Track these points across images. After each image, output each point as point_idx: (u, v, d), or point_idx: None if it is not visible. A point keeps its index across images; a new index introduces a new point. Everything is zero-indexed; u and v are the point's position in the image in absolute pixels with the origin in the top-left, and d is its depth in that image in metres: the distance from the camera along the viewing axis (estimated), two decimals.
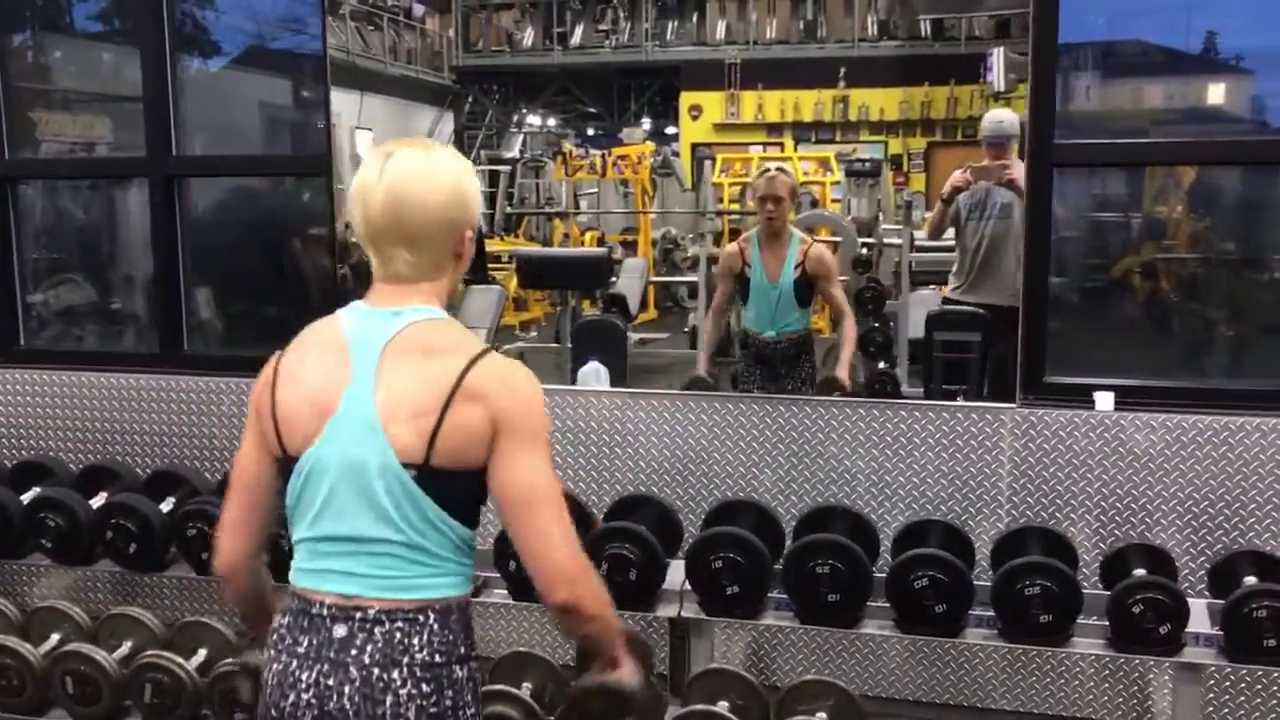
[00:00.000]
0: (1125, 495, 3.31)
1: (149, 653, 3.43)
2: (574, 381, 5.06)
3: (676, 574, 3.25)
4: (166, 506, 3.68)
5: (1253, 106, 4.48)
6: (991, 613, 3.03)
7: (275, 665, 1.91)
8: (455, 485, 1.87)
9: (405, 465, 1.82)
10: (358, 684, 1.84)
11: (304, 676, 1.87)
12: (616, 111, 16.19)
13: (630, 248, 11.16)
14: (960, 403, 3.51)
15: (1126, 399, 3.30)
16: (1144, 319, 3.97)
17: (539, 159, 13.29)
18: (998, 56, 12.92)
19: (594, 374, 5.27)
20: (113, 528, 3.59)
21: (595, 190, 11.91)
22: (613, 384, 4.87)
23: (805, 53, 14.32)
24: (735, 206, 10.98)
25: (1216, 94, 4.78)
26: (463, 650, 1.90)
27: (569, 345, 8.04)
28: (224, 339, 4.32)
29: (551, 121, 16.84)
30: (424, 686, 1.85)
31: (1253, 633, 2.85)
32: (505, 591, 3.35)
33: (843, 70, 14.08)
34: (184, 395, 4.02)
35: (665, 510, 3.45)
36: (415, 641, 1.86)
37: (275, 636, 1.93)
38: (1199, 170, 3.65)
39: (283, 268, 4.42)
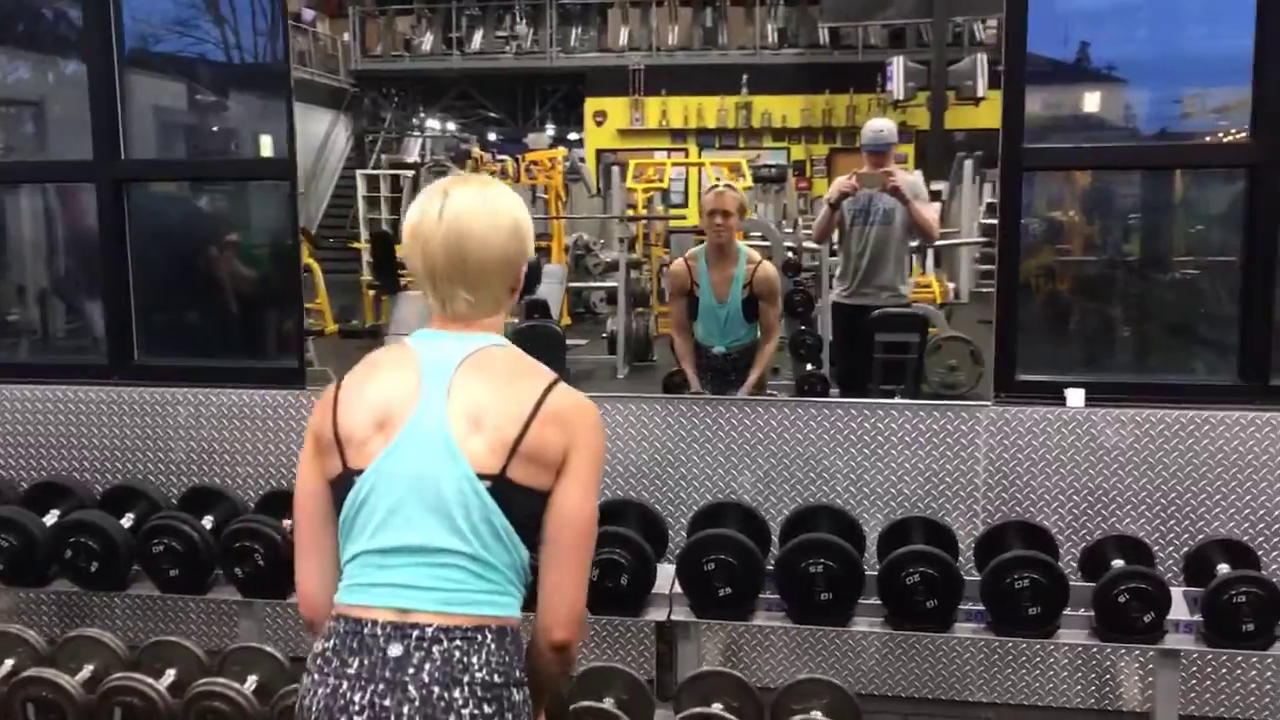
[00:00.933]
0: (1097, 488, 3.40)
1: (116, 675, 3.31)
2: None
3: (664, 577, 3.25)
4: (126, 523, 3.56)
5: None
6: (978, 607, 3.10)
7: (321, 689, 1.83)
8: (525, 502, 1.84)
9: (480, 476, 1.80)
10: (417, 704, 1.78)
11: (357, 698, 1.80)
12: (520, 117, 16.12)
13: (543, 254, 11.10)
14: (937, 402, 3.54)
15: (1096, 395, 3.40)
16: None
17: (443, 164, 13.15)
18: (897, 65, 13.28)
19: None
20: (72, 546, 3.44)
21: None
22: None
23: (708, 59, 14.47)
24: (645, 211, 11.01)
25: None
26: (518, 674, 1.87)
27: None
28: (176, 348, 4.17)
29: (451, 126, 16.69)
30: (486, 708, 1.80)
31: (1232, 618, 2.97)
32: None
33: (745, 77, 14.25)
34: (137, 408, 3.88)
35: (650, 514, 3.45)
36: (474, 660, 1.81)
37: (319, 661, 1.86)
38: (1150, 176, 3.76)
39: (213, 275, 4.29)
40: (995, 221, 10.58)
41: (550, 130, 15.68)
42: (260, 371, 3.88)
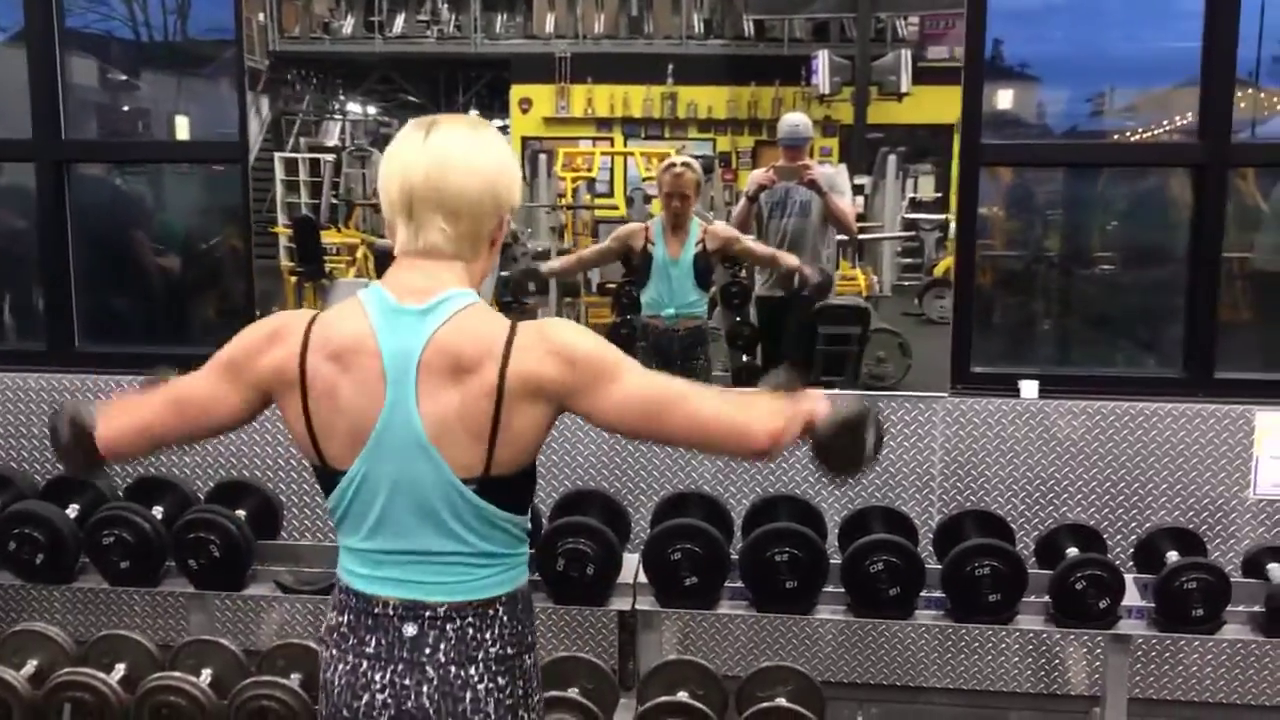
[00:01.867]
0: (1049, 477, 3.49)
1: (64, 671, 3.22)
2: None
3: (628, 567, 3.25)
4: (70, 514, 3.45)
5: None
6: (938, 594, 3.16)
7: (341, 665, 1.83)
8: (515, 484, 1.82)
9: (465, 481, 1.76)
10: (435, 683, 1.79)
11: (378, 677, 1.81)
12: (444, 102, 15.91)
13: None
14: (895, 392, 3.59)
15: (1049, 387, 3.48)
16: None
17: (366, 148, 12.95)
18: (822, 59, 13.37)
19: None
20: (16, 537, 3.33)
21: None
22: None
23: (634, 48, 14.41)
24: (572, 200, 10.97)
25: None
26: (529, 639, 1.89)
27: None
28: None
29: (372, 110, 16.42)
30: (500, 680, 1.83)
31: (1182, 604, 3.06)
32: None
33: (670, 67, 14.24)
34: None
35: (613, 504, 3.45)
36: (488, 635, 1.82)
37: (335, 635, 1.85)
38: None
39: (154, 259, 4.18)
40: (918, 216, 10.63)
41: (474, 116, 15.49)
42: (206, 358, 3.78)
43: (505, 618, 1.84)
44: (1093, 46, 4.02)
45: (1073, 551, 3.22)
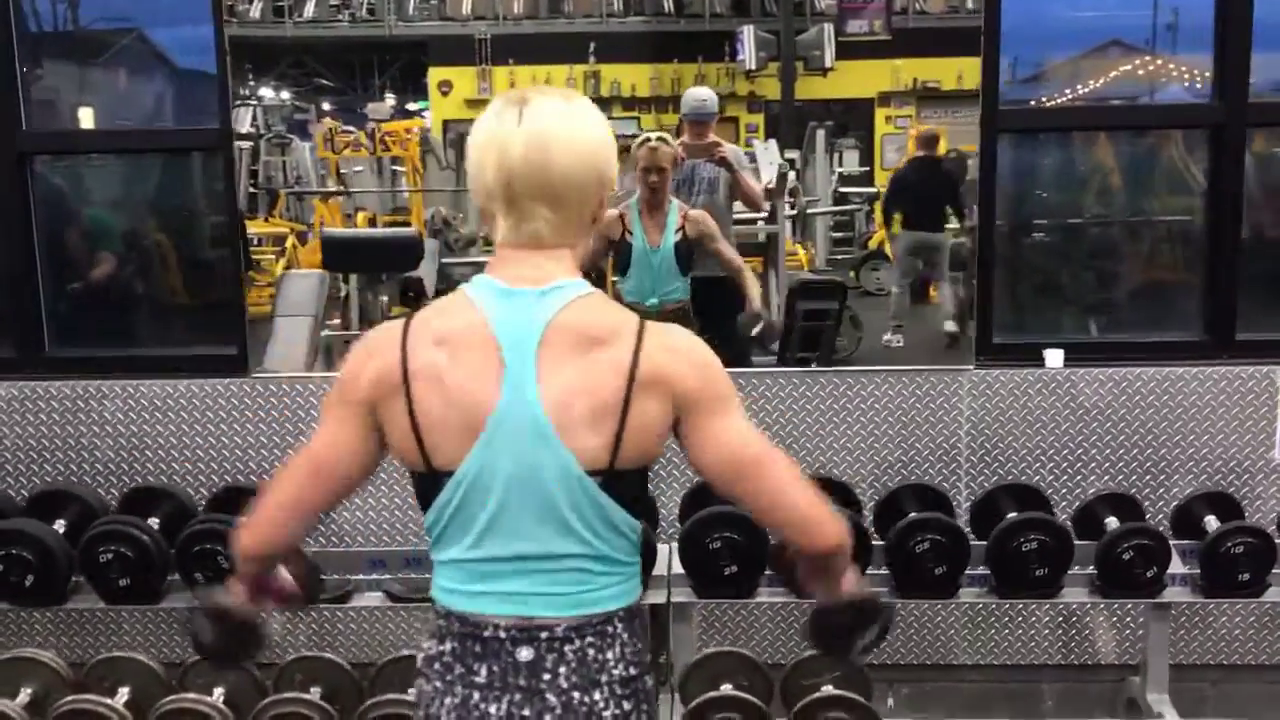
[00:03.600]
0: (1077, 446, 3.45)
1: (67, 699, 3.01)
2: None
3: (661, 558, 3.14)
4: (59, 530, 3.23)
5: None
6: (981, 571, 3.10)
7: (448, 698, 1.68)
8: (635, 483, 1.71)
9: (590, 473, 1.63)
10: (559, 712, 1.66)
11: (492, 710, 1.66)
12: (359, 86, 15.58)
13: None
14: (920, 367, 3.52)
15: (1072, 356, 3.44)
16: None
17: (284, 135, 12.59)
18: (747, 35, 13.35)
19: None
20: (3, 559, 3.10)
21: (359, 169, 11.40)
22: None
23: (555, 28, 14.25)
24: None
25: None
26: (648, 657, 1.77)
27: None
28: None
29: (286, 95, 15.98)
30: (625, 705, 1.70)
31: (1229, 569, 3.04)
32: None
33: (593, 46, 14.10)
34: (54, 404, 3.53)
35: None
36: (609, 656, 1.69)
37: (438, 665, 1.71)
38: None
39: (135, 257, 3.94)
40: (849, 190, 10.62)
41: (391, 100, 15.17)
42: (195, 360, 3.58)
43: (625, 635, 1.71)
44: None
45: (1111, 521, 3.19)
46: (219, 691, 3.10)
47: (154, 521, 3.24)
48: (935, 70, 14.39)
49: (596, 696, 1.67)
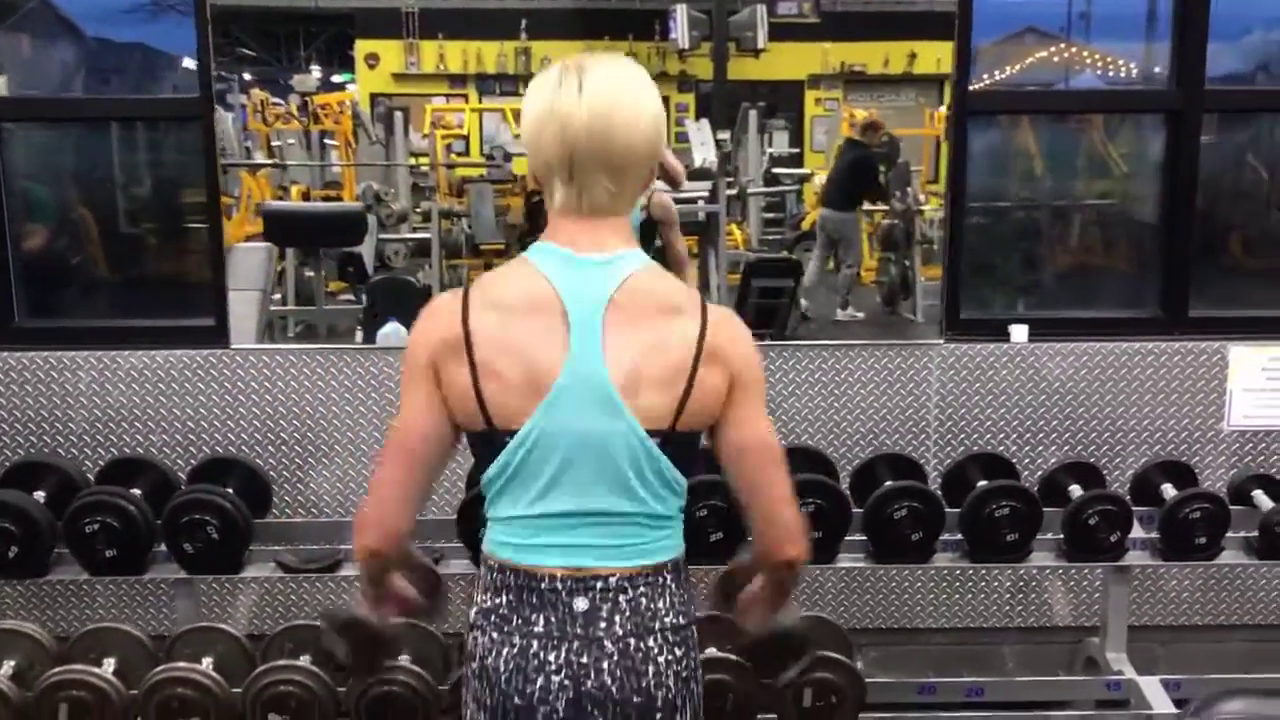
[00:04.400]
0: (1039, 417, 3.59)
1: (56, 670, 2.99)
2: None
3: None
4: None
5: None
6: (954, 537, 3.22)
7: (506, 649, 1.74)
8: (691, 445, 1.79)
9: (652, 433, 1.71)
10: (616, 658, 1.73)
11: (551, 658, 1.72)
12: (284, 58, 15.32)
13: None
14: (891, 341, 3.64)
15: (1037, 331, 3.58)
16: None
17: None
18: (680, 14, 13.37)
19: (395, 335, 5.07)
20: None
21: (291, 142, 11.24)
22: None
23: (486, 3, 14.15)
24: (440, 159, 10.70)
25: None
26: (693, 609, 1.84)
27: (322, 309, 7.64)
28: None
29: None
30: (677, 651, 1.78)
31: (1187, 534, 3.20)
32: (468, 561, 3.17)
33: (524, 22, 14.04)
34: (27, 375, 3.49)
35: None
36: (660, 605, 1.77)
37: (495, 617, 1.76)
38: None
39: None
40: (781, 171, 10.87)
41: (317, 72, 14.95)
42: (172, 331, 3.55)
43: (674, 586, 1.80)
44: None
45: (1075, 489, 3.33)
46: (207, 661, 3.11)
47: (136, 492, 3.24)
48: (862, 54, 14.61)
49: (651, 643, 1.74)
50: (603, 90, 1.67)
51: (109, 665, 3.08)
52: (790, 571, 1.87)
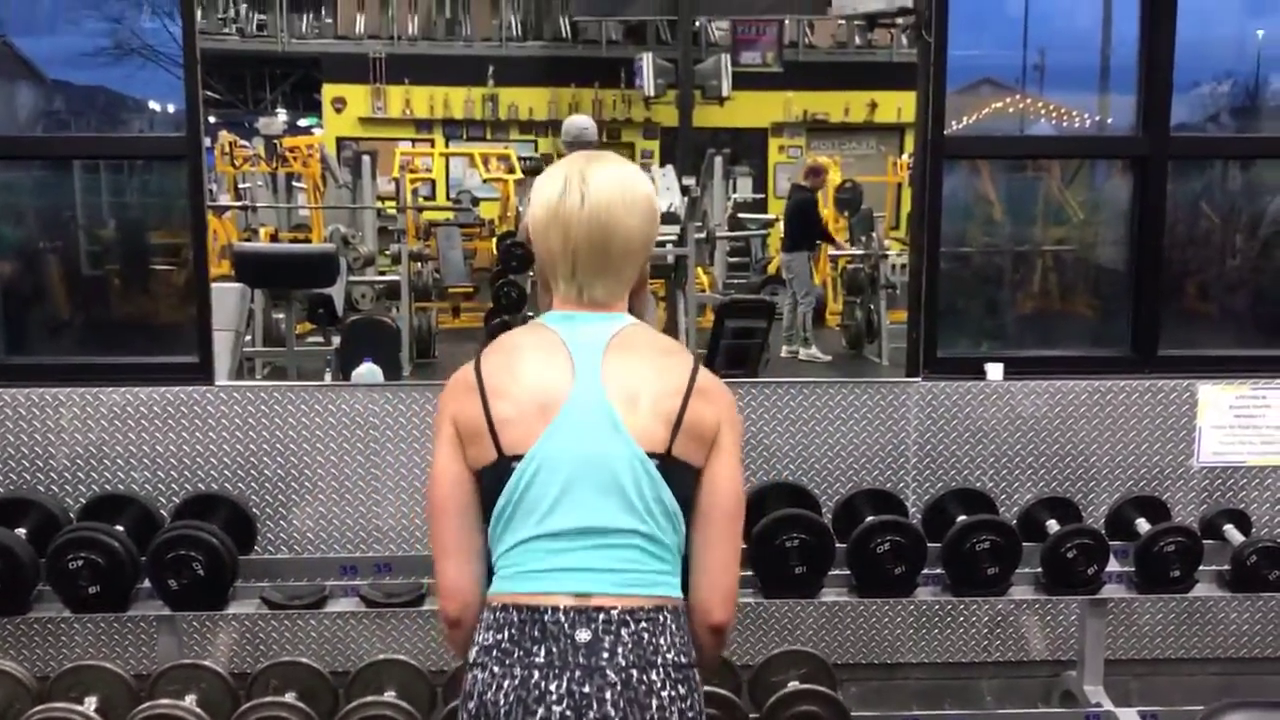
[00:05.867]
0: (1016, 454, 3.66)
1: (38, 709, 2.96)
2: None
3: None
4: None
5: None
6: (935, 571, 3.27)
7: (508, 681, 1.76)
8: (686, 479, 1.85)
9: (650, 454, 1.79)
10: (619, 688, 1.75)
11: (552, 688, 1.74)
12: (250, 100, 15.32)
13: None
14: (870, 379, 3.70)
15: (1012, 369, 3.66)
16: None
17: None
18: (646, 62, 13.55)
19: (369, 376, 5.08)
20: None
21: (260, 184, 11.23)
22: None
23: (453, 50, 14.28)
24: (409, 202, 10.72)
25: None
26: (694, 654, 1.86)
27: (293, 350, 7.61)
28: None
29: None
30: (680, 688, 1.80)
31: (1161, 567, 3.27)
32: None
33: (491, 69, 14.15)
34: (6, 412, 3.46)
35: None
36: (662, 642, 1.80)
37: (495, 653, 1.78)
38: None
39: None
40: (746, 216, 11.13)
41: (283, 115, 14.97)
42: (156, 368, 3.55)
43: (674, 626, 1.82)
44: None
45: (1052, 523, 3.39)
46: (191, 698, 3.08)
47: (119, 529, 3.22)
48: (824, 103, 14.85)
49: (654, 676, 1.76)
50: (602, 201, 1.83)
51: (91, 703, 3.06)
52: (715, 637, 1.89)
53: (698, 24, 14.26)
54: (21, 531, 3.19)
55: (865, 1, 9.04)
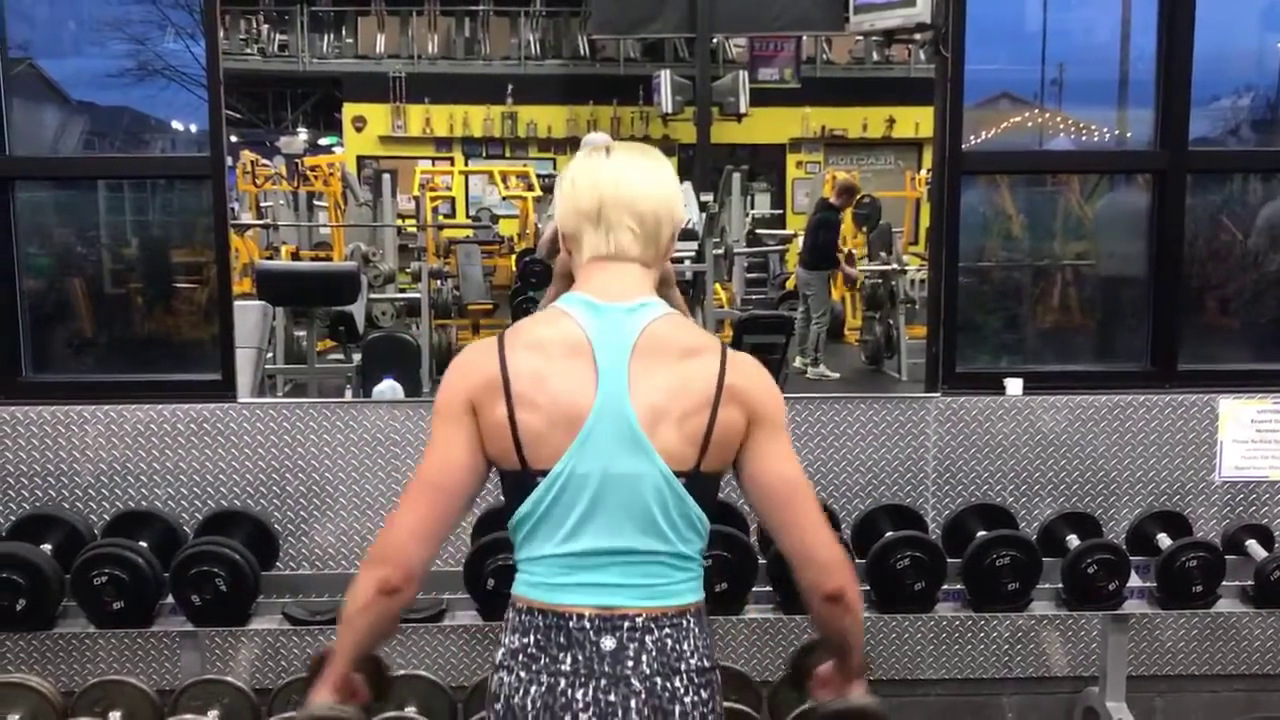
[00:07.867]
0: (1035, 469, 3.65)
1: None
2: None
3: None
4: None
5: None
6: (955, 586, 3.27)
7: (534, 687, 1.78)
8: (714, 486, 1.85)
9: (678, 473, 1.78)
10: (644, 696, 1.76)
11: (579, 695, 1.76)
12: (271, 119, 15.45)
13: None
14: (889, 394, 3.70)
15: (1032, 384, 3.65)
16: None
17: None
18: (664, 79, 13.60)
19: (389, 392, 5.11)
20: None
21: (281, 203, 11.32)
22: None
23: (472, 68, 14.36)
24: (429, 220, 10.78)
25: None
26: (715, 654, 1.88)
27: (314, 367, 7.66)
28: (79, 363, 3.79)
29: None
30: (703, 693, 1.82)
31: (1183, 582, 3.25)
32: (474, 613, 3.19)
33: (510, 87, 14.23)
34: (34, 429, 3.50)
35: None
36: (685, 647, 1.81)
37: (522, 657, 1.80)
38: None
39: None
40: (765, 232, 11.17)
41: (304, 134, 15.09)
42: (179, 385, 3.59)
43: (697, 630, 1.84)
44: None
45: (1073, 539, 3.38)
46: (214, 714, 3.11)
47: (143, 545, 3.25)
48: (842, 119, 14.88)
49: (677, 683, 1.78)
50: (626, 159, 1.87)
51: (115, 719, 3.08)
52: (838, 606, 1.85)
53: (715, 41, 14.30)
54: (47, 547, 3.22)
55: (883, 18, 9.04)
